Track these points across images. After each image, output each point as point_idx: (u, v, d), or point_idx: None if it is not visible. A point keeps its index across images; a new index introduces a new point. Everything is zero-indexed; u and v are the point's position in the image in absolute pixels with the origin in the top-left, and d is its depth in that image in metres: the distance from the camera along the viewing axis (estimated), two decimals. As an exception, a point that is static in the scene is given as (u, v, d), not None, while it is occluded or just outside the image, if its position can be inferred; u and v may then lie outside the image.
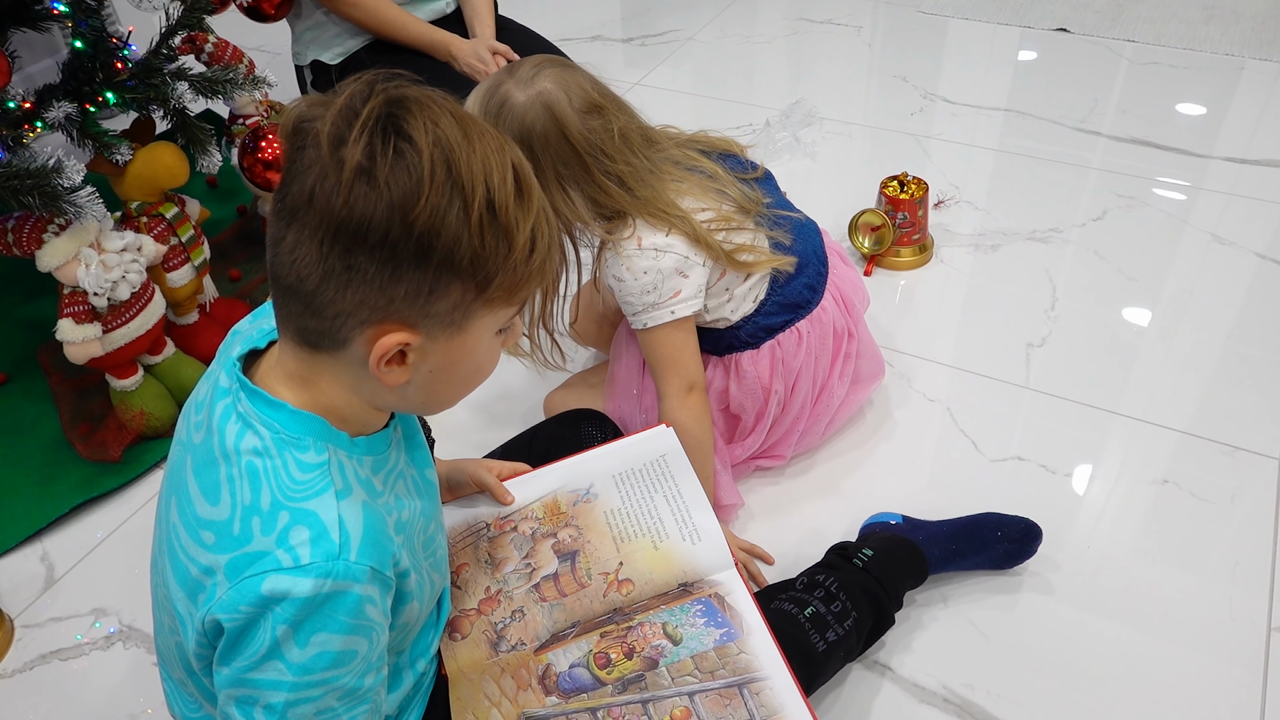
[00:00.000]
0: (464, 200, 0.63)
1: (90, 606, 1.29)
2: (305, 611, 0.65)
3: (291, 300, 0.66)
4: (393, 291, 0.64)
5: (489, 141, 0.65)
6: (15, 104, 1.34)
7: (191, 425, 0.75)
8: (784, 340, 1.27)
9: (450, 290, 0.66)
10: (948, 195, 1.99)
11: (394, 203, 0.61)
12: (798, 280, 1.27)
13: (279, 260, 0.65)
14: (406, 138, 0.62)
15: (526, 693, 0.91)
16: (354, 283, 0.64)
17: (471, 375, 0.74)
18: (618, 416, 1.33)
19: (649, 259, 1.16)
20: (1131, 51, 2.50)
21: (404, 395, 0.72)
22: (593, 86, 1.14)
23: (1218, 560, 1.27)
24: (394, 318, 0.66)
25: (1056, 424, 1.48)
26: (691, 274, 1.18)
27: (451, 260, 0.64)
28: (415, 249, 0.63)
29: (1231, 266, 1.77)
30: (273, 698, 0.66)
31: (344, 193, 0.61)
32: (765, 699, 0.89)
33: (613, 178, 1.14)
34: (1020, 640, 1.19)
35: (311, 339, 0.68)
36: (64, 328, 1.35)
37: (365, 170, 0.61)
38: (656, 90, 2.46)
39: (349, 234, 0.62)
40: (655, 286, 1.17)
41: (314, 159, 0.62)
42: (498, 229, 0.65)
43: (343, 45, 1.98)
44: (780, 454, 1.38)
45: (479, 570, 1.01)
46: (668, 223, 1.16)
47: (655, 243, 1.15)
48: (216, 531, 0.68)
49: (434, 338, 0.68)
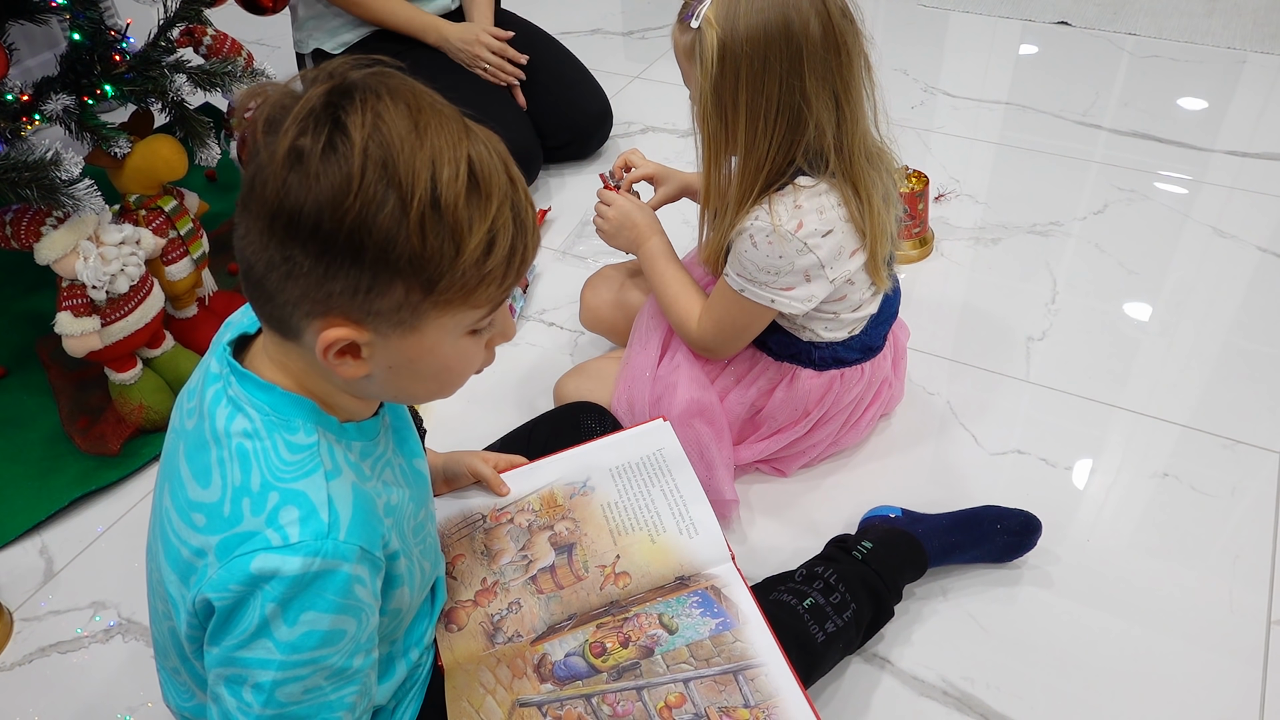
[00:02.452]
0: (401, 197, 0.60)
1: (89, 600, 1.29)
2: (294, 590, 0.65)
3: (251, 287, 0.66)
4: (329, 287, 0.63)
5: (444, 135, 0.62)
6: (13, 97, 1.34)
7: (184, 413, 0.75)
8: (847, 375, 1.28)
9: (392, 289, 0.63)
10: (948, 189, 1.99)
11: (323, 196, 0.59)
12: (882, 327, 1.28)
13: (237, 247, 0.65)
14: (341, 128, 0.60)
15: (522, 680, 0.91)
16: (293, 274, 0.62)
17: (440, 374, 0.72)
18: (627, 401, 1.32)
19: (793, 247, 1.10)
20: (1133, 45, 2.49)
21: (370, 388, 0.71)
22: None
23: (1218, 554, 1.27)
24: (336, 312, 0.64)
25: (1057, 418, 1.48)
26: (816, 283, 1.14)
27: (387, 259, 0.61)
28: (347, 245, 0.61)
29: (1233, 260, 1.77)
30: (261, 676, 0.67)
31: (276, 182, 0.60)
32: (760, 685, 0.89)
33: (833, 89, 1.06)
34: (1020, 633, 1.19)
35: (275, 326, 0.68)
36: (63, 321, 1.35)
37: (296, 159, 0.60)
38: (657, 84, 2.46)
39: (282, 224, 0.61)
40: (777, 272, 1.13)
41: (258, 147, 0.61)
42: (443, 228, 0.62)
43: (345, 35, 1.98)
44: (784, 470, 1.39)
45: (475, 562, 1.01)
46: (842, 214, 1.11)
47: (810, 233, 1.10)
48: (207, 513, 0.69)
49: (384, 335, 0.66)
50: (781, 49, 1.03)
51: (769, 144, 1.08)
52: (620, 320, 1.46)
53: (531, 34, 2.08)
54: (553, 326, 1.70)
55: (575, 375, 1.43)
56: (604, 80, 2.15)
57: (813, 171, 1.11)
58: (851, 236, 1.14)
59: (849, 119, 1.08)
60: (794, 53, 1.03)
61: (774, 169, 1.11)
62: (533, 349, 1.65)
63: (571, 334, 1.68)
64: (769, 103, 1.06)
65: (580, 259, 1.85)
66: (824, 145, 1.08)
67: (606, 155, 2.16)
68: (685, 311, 1.27)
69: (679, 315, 1.28)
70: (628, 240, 1.34)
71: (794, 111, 1.06)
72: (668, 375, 1.30)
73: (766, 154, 1.09)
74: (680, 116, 2.27)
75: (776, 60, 1.03)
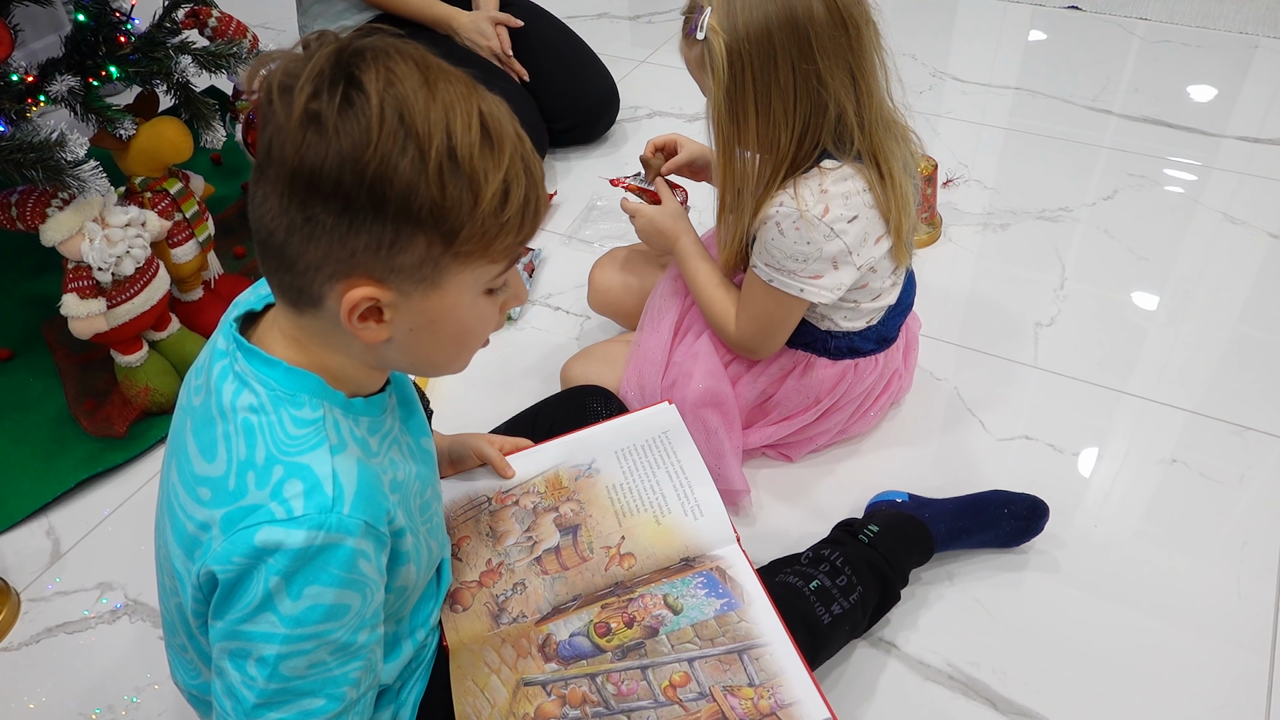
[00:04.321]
0: (419, 147, 0.61)
1: (96, 581, 1.30)
2: (298, 563, 0.65)
3: (269, 257, 0.67)
4: (353, 244, 0.64)
5: (454, 89, 0.64)
6: (18, 77, 1.33)
7: (192, 389, 0.76)
8: (862, 365, 1.27)
9: (414, 243, 0.64)
10: (957, 174, 1.98)
11: (344, 150, 0.60)
12: (898, 319, 1.27)
13: (254, 216, 0.65)
14: (357, 85, 0.61)
15: (526, 660, 0.91)
16: (315, 235, 0.63)
17: (461, 335, 0.73)
18: (638, 383, 1.31)
19: (820, 232, 1.09)
20: (1144, 30, 2.47)
21: (389, 354, 0.72)
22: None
23: (1225, 540, 1.26)
24: (359, 271, 0.65)
25: (1065, 404, 1.47)
26: (843, 269, 1.13)
27: (409, 210, 0.63)
28: (369, 198, 0.62)
29: (1243, 246, 1.76)
30: (265, 650, 0.67)
31: (294, 142, 0.61)
32: (765, 664, 0.89)
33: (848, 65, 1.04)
34: (1026, 619, 1.18)
35: (292, 297, 0.69)
36: (68, 303, 1.35)
37: (313, 118, 0.60)
38: (663, 68, 2.45)
39: (303, 184, 0.62)
40: (805, 259, 1.11)
41: (271, 110, 0.62)
42: (460, 178, 0.63)
43: (349, 19, 1.97)
44: (792, 455, 1.38)
45: (480, 543, 1.01)
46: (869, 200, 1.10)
47: (836, 219, 1.09)
48: (213, 487, 0.69)
49: (407, 294, 0.67)
50: (788, 39, 1.02)
51: (791, 134, 1.07)
52: (629, 303, 1.46)
53: (538, 17, 2.07)
54: (559, 311, 1.70)
55: (582, 358, 1.43)
56: (610, 64, 2.14)
57: (838, 153, 1.09)
58: (877, 222, 1.13)
59: (865, 92, 1.07)
60: (802, 40, 1.02)
61: (799, 155, 1.09)
62: (539, 333, 1.65)
63: (578, 318, 1.68)
64: (785, 95, 1.04)
65: (587, 243, 1.85)
66: (847, 123, 1.07)
67: (613, 139, 2.15)
68: (723, 313, 1.25)
69: (717, 317, 1.26)
70: (660, 246, 1.34)
71: (813, 97, 1.05)
72: (684, 362, 1.29)
73: (790, 145, 1.08)
74: (686, 101, 2.26)
75: (785, 51, 1.02)
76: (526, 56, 1.99)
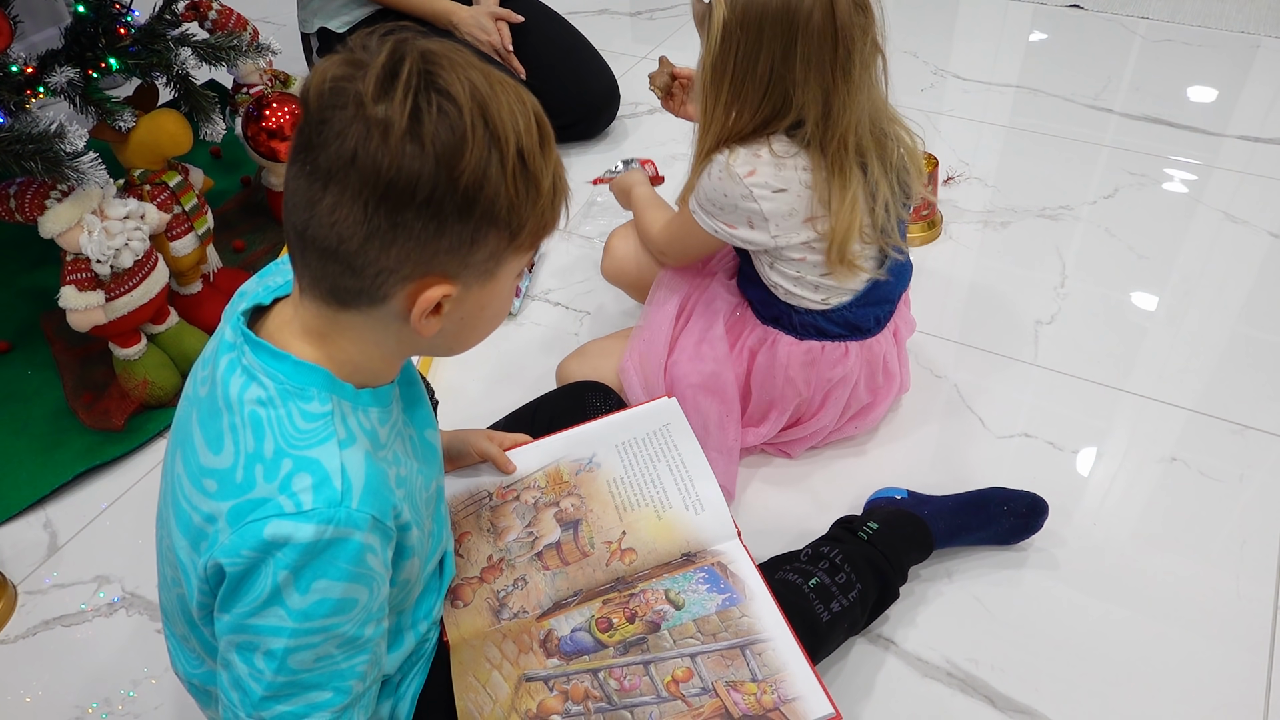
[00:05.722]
0: (500, 151, 0.64)
1: (93, 574, 1.29)
2: (306, 557, 0.65)
3: (329, 262, 0.66)
4: (436, 245, 0.65)
5: (510, 91, 0.66)
6: (18, 68, 1.33)
7: (198, 381, 0.75)
8: (829, 350, 1.26)
9: (488, 240, 0.67)
10: (957, 172, 1.97)
11: (440, 159, 0.62)
12: (869, 309, 1.27)
13: (317, 223, 0.64)
14: (446, 94, 0.62)
15: (528, 655, 0.91)
16: (399, 240, 0.64)
17: (494, 318, 0.76)
18: (639, 364, 1.32)
19: (738, 190, 1.13)
20: (1145, 29, 2.47)
21: (434, 342, 0.73)
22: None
23: (1225, 539, 1.26)
24: (436, 270, 0.67)
25: (1064, 402, 1.47)
26: (758, 230, 1.16)
27: (493, 210, 0.65)
28: (461, 203, 0.64)
29: (1244, 245, 1.76)
30: (273, 644, 0.67)
31: (391, 153, 0.61)
32: (767, 659, 0.89)
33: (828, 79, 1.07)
34: (1025, 616, 1.18)
35: (344, 297, 0.68)
36: (67, 295, 1.34)
37: (412, 130, 0.61)
38: (664, 65, 2.44)
39: (397, 193, 0.62)
40: (721, 208, 1.17)
41: (352, 120, 0.61)
42: (528, 176, 0.66)
43: (349, 13, 1.97)
44: (791, 453, 1.38)
45: (481, 539, 1.01)
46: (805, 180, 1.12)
47: (759, 184, 1.12)
48: (219, 479, 0.69)
49: (469, 286, 0.69)
50: (776, 36, 1.05)
51: (753, 117, 1.12)
52: (642, 274, 1.45)
53: (539, 13, 2.06)
54: (558, 306, 1.70)
55: (577, 357, 1.43)
56: (611, 61, 2.14)
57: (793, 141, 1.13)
58: (811, 206, 1.15)
59: (839, 108, 1.09)
60: (789, 42, 1.05)
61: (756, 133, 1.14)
62: (538, 328, 1.65)
63: (577, 314, 1.67)
64: (758, 85, 1.09)
65: (586, 239, 1.85)
66: (806, 131, 1.11)
67: (613, 135, 2.15)
68: (653, 219, 1.36)
69: (646, 222, 1.37)
70: (624, 203, 1.48)
71: (782, 97, 1.09)
72: (687, 345, 1.30)
73: (749, 124, 1.13)
74: (688, 97, 2.25)
75: (770, 47, 1.06)
76: (527, 52, 1.98)
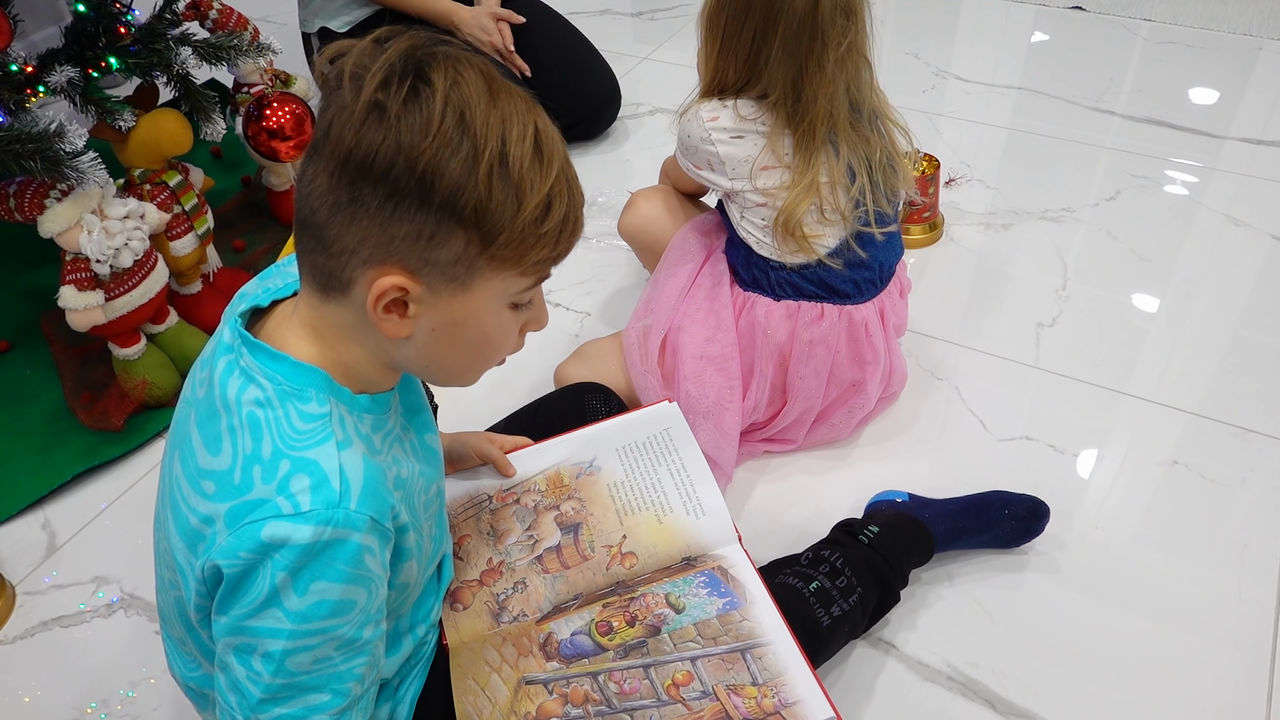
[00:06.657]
0: (474, 148, 0.64)
1: (92, 574, 1.29)
2: (304, 559, 0.65)
3: (307, 235, 0.68)
4: (393, 230, 0.65)
5: (515, 103, 0.66)
6: (17, 67, 1.32)
7: (196, 383, 0.75)
8: (805, 309, 1.27)
9: (453, 239, 0.65)
10: (959, 173, 1.97)
11: (401, 139, 0.62)
12: (847, 272, 1.27)
13: (301, 193, 0.67)
14: (425, 80, 0.63)
15: (527, 659, 0.90)
16: (358, 217, 0.64)
17: (479, 344, 0.73)
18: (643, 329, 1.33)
19: (698, 132, 1.21)
20: (1147, 30, 2.47)
21: (405, 353, 0.72)
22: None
23: (1226, 543, 1.26)
24: (394, 259, 0.66)
25: (1065, 404, 1.47)
26: (718, 174, 1.23)
27: (454, 206, 0.64)
28: (417, 187, 0.63)
29: (1245, 248, 1.75)
30: (271, 646, 0.66)
31: (354, 124, 0.63)
32: (768, 663, 0.89)
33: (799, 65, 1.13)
34: (1026, 620, 1.18)
35: (322, 280, 0.69)
36: (66, 295, 1.34)
37: (378, 104, 0.63)
38: (665, 65, 2.44)
39: (355, 165, 0.63)
40: (687, 150, 1.25)
41: (337, 95, 0.64)
42: (508, 184, 0.65)
43: (351, 14, 1.96)
44: (791, 439, 1.37)
45: (481, 542, 1.00)
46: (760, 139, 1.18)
47: (718, 128, 1.19)
48: (217, 481, 0.68)
49: (435, 290, 0.68)
50: (761, 14, 1.12)
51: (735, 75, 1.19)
52: (659, 234, 1.45)
53: (540, 14, 2.06)
54: (559, 307, 1.69)
55: (575, 360, 1.42)
56: (612, 61, 2.13)
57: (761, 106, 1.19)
58: (767, 156, 1.20)
59: (808, 99, 1.15)
60: (770, 21, 1.11)
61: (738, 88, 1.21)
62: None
63: (578, 315, 1.67)
64: (738, 54, 1.16)
65: (585, 239, 1.84)
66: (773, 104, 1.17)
67: (614, 136, 2.15)
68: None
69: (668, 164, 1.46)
70: None
71: (754, 70, 1.17)
72: (690, 311, 1.31)
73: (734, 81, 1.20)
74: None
75: (753, 22, 1.13)
76: (528, 53, 1.98)
